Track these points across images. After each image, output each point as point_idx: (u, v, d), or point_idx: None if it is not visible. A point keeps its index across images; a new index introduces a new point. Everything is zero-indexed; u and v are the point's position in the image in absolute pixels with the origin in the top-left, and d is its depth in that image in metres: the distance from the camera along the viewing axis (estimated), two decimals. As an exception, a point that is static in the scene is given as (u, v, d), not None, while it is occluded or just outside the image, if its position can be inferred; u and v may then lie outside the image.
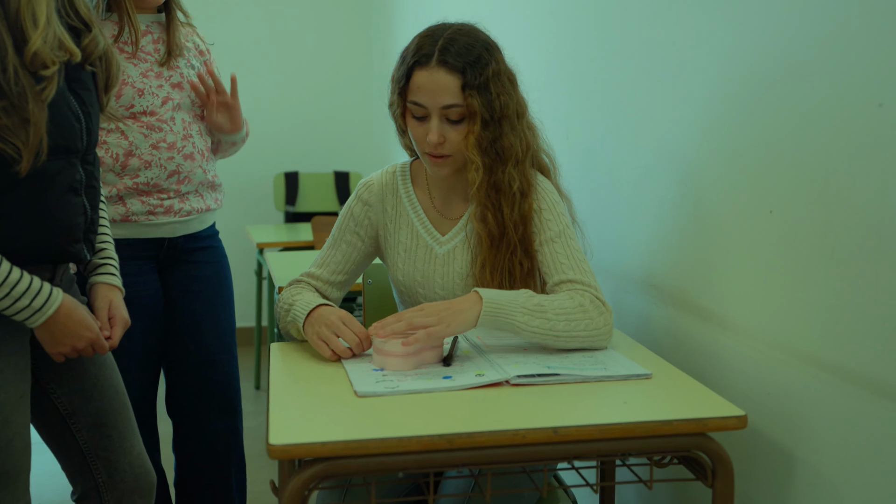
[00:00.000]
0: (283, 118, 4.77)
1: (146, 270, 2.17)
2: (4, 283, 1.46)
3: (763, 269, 1.46)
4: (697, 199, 1.65)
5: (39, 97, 1.43)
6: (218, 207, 2.30)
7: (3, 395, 1.50)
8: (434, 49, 1.62)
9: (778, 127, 1.39)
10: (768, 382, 1.45)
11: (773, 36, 1.37)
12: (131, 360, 2.16)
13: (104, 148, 2.08)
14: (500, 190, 1.68)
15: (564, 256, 1.68)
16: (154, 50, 2.14)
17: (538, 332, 1.58)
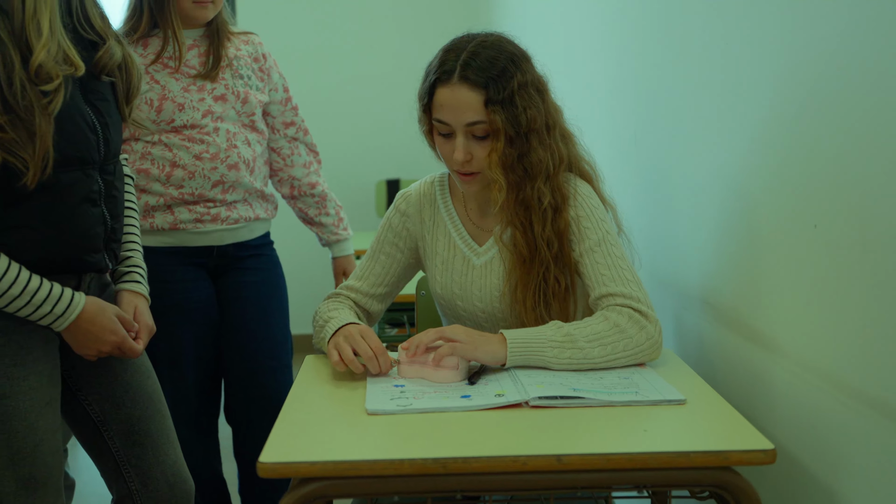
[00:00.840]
0: (384, 125, 4.79)
1: (198, 277, 2.20)
2: (25, 291, 1.49)
3: (807, 288, 1.34)
4: (747, 213, 1.54)
5: (46, 110, 1.44)
6: (270, 217, 2.31)
7: (27, 402, 1.52)
8: (456, 64, 1.57)
9: (823, 140, 1.27)
10: (811, 413, 1.33)
11: (820, 55, 1.27)
12: (187, 367, 2.20)
13: (150, 159, 2.12)
14: (529, 207, 1.61)
15: (605, 267, 1.60)
16: (199, 63, 2.17)
17: (573, 363, 1.52)
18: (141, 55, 2.14)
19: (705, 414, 1.34)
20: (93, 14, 1.60)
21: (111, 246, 1.64)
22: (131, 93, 1.67)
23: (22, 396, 1.52)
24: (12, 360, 1.52)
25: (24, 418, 1.52)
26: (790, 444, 1.39)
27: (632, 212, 2.09)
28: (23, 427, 1.52)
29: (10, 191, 1.47)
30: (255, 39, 2.30)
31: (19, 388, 1.52)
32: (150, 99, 2.11)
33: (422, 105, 1.64)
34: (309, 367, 1.63)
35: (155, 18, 2.14)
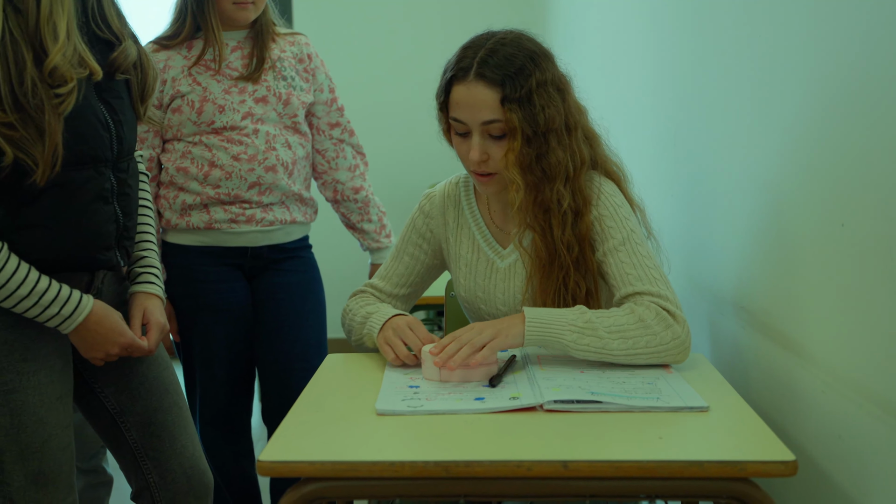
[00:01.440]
0: (436, 129, 4.77)
1: (232, 278, 2.21)
2: (32, 291, 1.49)
3: (834, 291, 1.27)
4: (777, 214, 1.47)
5: (56, 110, 1.44)
6: (308, 221, 2.30)
7: (37, 397, 1.52)
8: (473, 62, 1.53)
9: (852, 138, 1.21)
10: (840, 423, 1.25)
11: (848, 54, 1.21)
12: (220, 367, 2.20)
13: (190, 158, 2.14)
14: (548, 209, 1.56)
15: (631, 266, 1.55)
16: (242, 66, 2.17)
17: (590, 351, 1.46)
18: (185, 57, 2.16)
19: (727, 422, 1.28)
20: (110, 14, 1.60)
21: (123, 244, 1.64)
22: (146, 92, 1.66)
23: (31, 391, 1.52)
24: (22, 354, 1.52)
25: (33, 413, 1.52)
26: (818, 455, 1.32)
27: (670, 212, 2.03)
28: (32, 422, 1.52)
29: (22, 189, 1.47)
30: (302, 40, 2.29)
31: (29, 382, 1.52)
32: (192, 101, 2.13)
33: (438, 103, 1.61)
34: (328, 366, 1.61)
35: (197, 21, 2.15)
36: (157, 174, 2.20)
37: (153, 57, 2.14)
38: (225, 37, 2.18)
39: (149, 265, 1.74)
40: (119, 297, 1.69)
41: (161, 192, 2.19)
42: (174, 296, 2.20)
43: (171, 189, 2.17)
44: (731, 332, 1.70)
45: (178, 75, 2.15)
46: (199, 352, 2.21)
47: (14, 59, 1.41)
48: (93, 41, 1.57)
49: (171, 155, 2.17)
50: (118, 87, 1.61)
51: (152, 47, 2.18)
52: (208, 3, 2.12)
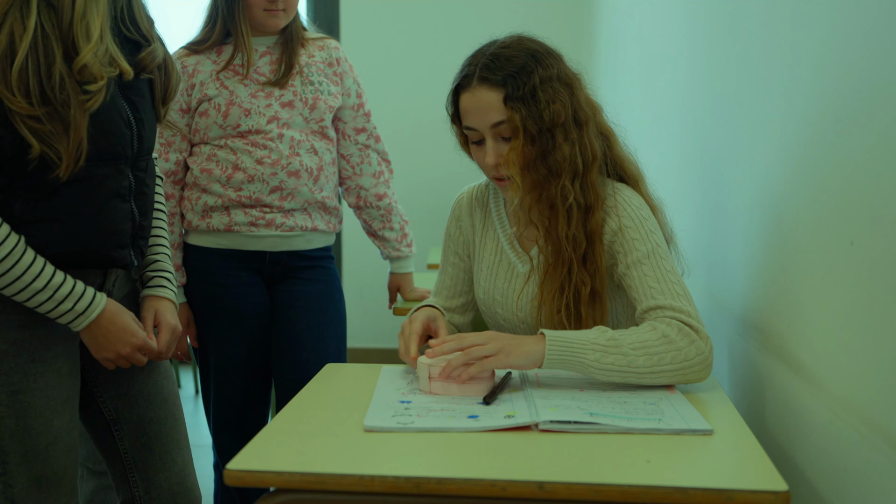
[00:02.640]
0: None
1: (251, 283, 2.19)
2: (48, 285, 1.47)
3: (843, 313, 1.19)
4: (788, 231, 1.40)
5: (83, 106, 1.44)
6: (331, 231, 2.27)
7: (42, 399, 1.51)
8: (476, 69, 1.52)
9: (860, 154, 1.13)
10: (845, 454, 1.17)
11: (856, 78, 1.15)
12: (235, 372, 2.19)
13: (214, 161, 2.14)
14: (553, 205, 1.53)
15: (654, 279, 1.49)
16: (270, 71, 2.17)
17: (615, 370, 1.40)
18: (214, 62, 2.16)
19: (724, 447, 1.21)
20: (140, 16, 1.60)
21: (138, 243, 1.63)
22: (169, 94, 1.66)
23: (38, 393, 1.51)
24: (31, 355, 1.51)
25: (39, 415, 1.51)
26: (822, 487, 1.23)
27: (695, 228, 1.95)
28: (37, 424, 1.51)
29: (43, 183, 1.46)
30: (332, 44, 2.29)
31: (36, 384, 1.51)
32: (218, 104, 2.13)
33: (450, 116, 1.60)
34: (324, 376, 1.57)
35: (227, 27, 2.16)
36: (183, 177, 2.21)
37: (184, 61, 2.16)
38: (254, 42, 2.18)
39: (161, 269, 1.72)
40: (129, 299, 1.68)
41: (185, 194, 2.20)
42: (192, 298, 2.20)
43: (194, 190, 2.17)
44: (748, 353, 1.62)
45: (207, 80, 2.15)
46: (215, 355, 2.20)
47: (44, 53, 1.42)
48: (122, 41, 1.57)
49: (197, 157, 2.17)
50: (141, 85, 1.61)
51: (183, 52, 2.20)
52: (239, 9, 2.13)
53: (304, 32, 2.27)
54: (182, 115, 2.17)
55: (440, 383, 1.44)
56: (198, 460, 3.00)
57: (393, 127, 4.21)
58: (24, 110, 1.40)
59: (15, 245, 1.45)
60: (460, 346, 1.44)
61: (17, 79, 1.39)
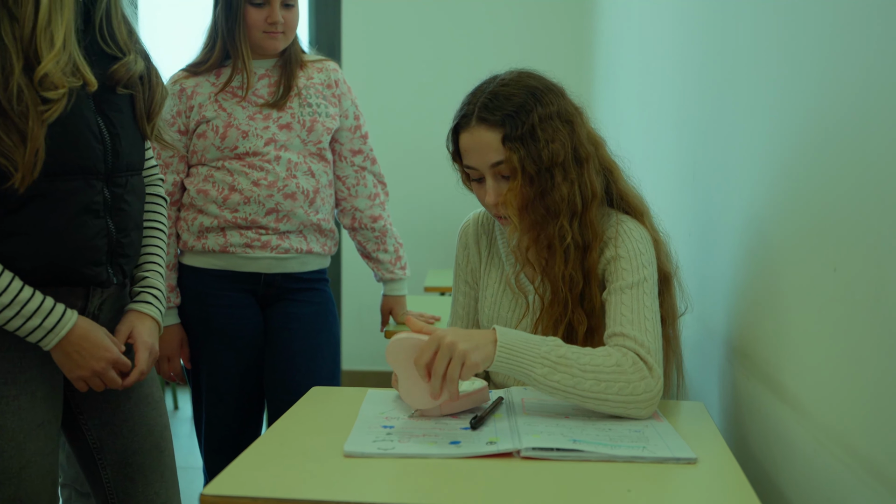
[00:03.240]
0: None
1: (245, 304, 2.19)
2: (14, 301, 1.44)
3: (827, 339, 1.17)
4: (771, 257, 1.38)
5: (41, 117, 1.41)
6: (326, 253, 2.27)
7: (15, 422, 1.48)
8: (475, 108, 1.52)
9: (842, 180, 1.13)
10: (828, 484, 1.15)
11: (838, 100, 1.15)
12: (228, 392, 2.18)
13: (211, 182, 2.14)
14: (551, 246, 1.52)
15: (628, 309, 1.47)
16: (269, 93, 2.17)
17: (560, 388, 1.39)
18: (213, 84, 2.17)
19: (706, 477, 1.19)
20: (119, 30, 1.58)
21: (118, 261, 1.59)
22: (153, 109, 1.64)
23: (10, 416, 1.48)
24: (3, 378, 1.49)
25: (11, 438, 1.48)
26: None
27: (687, 251, 1.94)
28: (9, 447, 1.48)
29: (4, 197, 1.44)
30: (330, 66, 2.29)
31: (8, 407, 1.49)
32: (216, 126, 2.14)
33: (450, 153, 1.60)
34: (309, 399, 1.56)
35: (227, 49, 2.17)
36: (180, 198, 2.21)
37: (182, 83, 2.16)
38: (254, 65, 2.18)
39: (149, 286, 1.68)
40: (117, 321, 1.65)
41: (181, 215, 2.20)
42: (186, 318, 2.19)
43: (190, 211, 2.17)
44: (736, 379, 1.60)
45: (205, 101, 2.16)
46: (208, 376, 2.19)
47: (1, 65, 1.39)
48: (98, 54, 1.55)
49: (194, 178, 2.18)
50: (120, 101, 1.59)
51: (182, 74, 2.20)
52: (239, 31, 2.13)
53: (303, 55, 2.28)
54: (180, 136, 2.17)
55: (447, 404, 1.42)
56: (193, 483, 2.99)
57: (393, 149, 4.23)
58: None
59: None
60: (426, 371, 1.37)
61: None
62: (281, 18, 2.14)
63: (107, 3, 1.57)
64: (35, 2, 1.42)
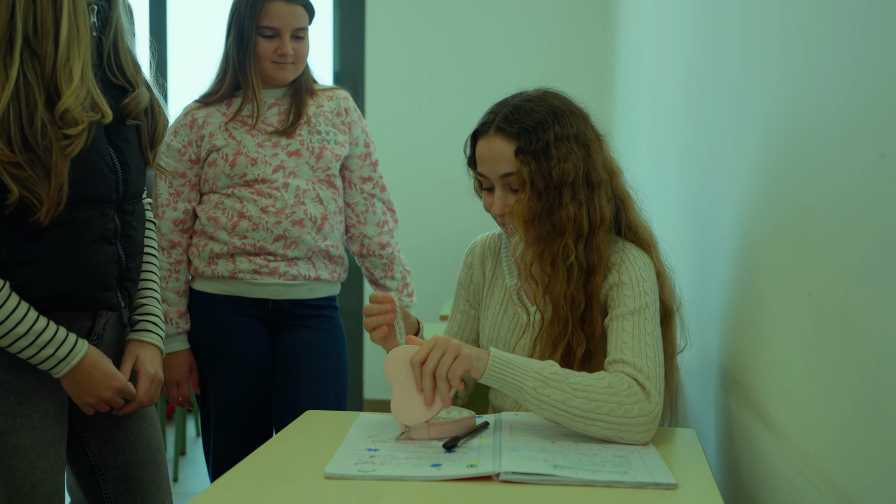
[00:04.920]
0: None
1: (254, 329, 2.21)
2: (30, 331, 1.49)
3: (803, 363, 1.17)
4: (755, 282, 1.38)
5: (64, 151, 1.46)
6: (335, 280, 2.29)
7: (27, 441, 1.52)
8: (495, 118, 1.55)
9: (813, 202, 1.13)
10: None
11: (811, 131, 1.16)
12: (235, 416, 2.20)
13: (221, 209, 2.18)
14: (554, 262, 1.53)
15: (629, 336, 1.47)
16: (278, 121, 2.21)
17: (549, 404, 1.39)
18: (223, 114, 2.21)
19: (685, 502, 1.18)
20: (125, 62, 1.63)
21: (125, 285, 1.64)
22: (156, 138, 1.69)
23: (24, 434, 1.53)
24: (18, 397, 1.53)
25: (24, 456, 1.52)
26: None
27: (688, 278, 1.93)
28: (22, 465, 1.52)
29: (25, 226, 1.49)
30: (340, 94, 2.32)
31: (22, 426, 1.53)
32: (226, 154, 2.17)
33: (466, 158, 1.63)
34: (301, 423, 1.58)
35: (237, 79, 2.21)
36: (191, 225, 2.25)
37: (194, 114, 2.21)
38: (264, 94, 2.22)
39: (148, 313, 1.73)
40: (120, 343, 1.70)
41: (193, 241, 2.23)
42: (195, 343, 2.22)
43: (202, 237, 2.21)
44: (728, 406, 1.59)
45: (216, 131, 2.20)
46: (216, 400, 2.21)
47: (26, 100, 1.44)
48: (107, 86, 1.60)
49: (205, 206, 2.22)
50: (128, 131, 1.64)
51: (195, 105, 2.25)
52: (250, 62, 2.18)
53: (313, 84, 2.31)
54: (191, 165, 2.21)
55: (427, 429, 1.43)
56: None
57: (414, 178, 4.26)
58: (4, 157, 1.42)
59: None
60: (420, 368, 1.40)
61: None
62: (291, 50, 2.18)
63: (114, 37, 1.62)
64: (55, 38, 1.47)
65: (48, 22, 1.46)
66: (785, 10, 1.33)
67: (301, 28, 2.20)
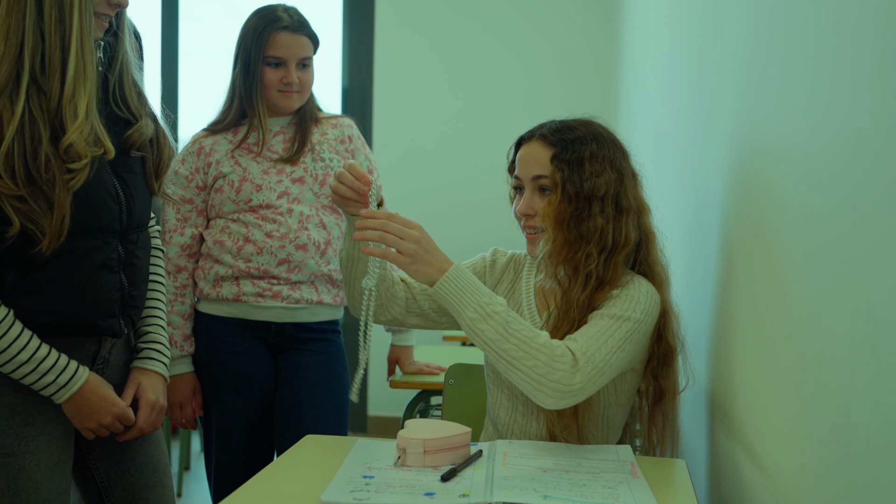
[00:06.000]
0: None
1: (256, 351, 2.25)
2: (32, 358, 1.53)
3: (783, 399, 1.20)
4: (740, 316, 1.41)
5: (67, 185, 1.49)
6: (337, 304, 2.32)
7: (33, 462, 1.56)
8: (541, 128, 1.65)
9: (794, 254, 1.16)
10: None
11: (786, 177, 1.20)
12: (237, 436, 2.24)
13: (227, 233, 2.22)
14: (576, 268, 1.59)
15: (597, 330, 1.52)
16: (283, 149, 2.26)
17: (481, 338, 1.46)
18: (230, 141, 2.27)
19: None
20: (130, 95, 1.67)
21: (129, 312, 1.67)
22: (161, 168, 1.72)
23: (29, 456, 1.56)
24: (24, 419, 1.57)
25: (29, 478, 1.56)
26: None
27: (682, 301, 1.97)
28: (27, 486, 1.55)
29: (28, 256, 1.52)
30: (345, 122, 2.37)
31: (27, 447, 1.56)
32: (232, 180, 2.22)
33: (509, 165, 1.71)
34: (300, 447, 1.61)
35: (244, 107, 2.26)
36: (198, 250, 2.30)
37: (202, 142, 2.26)
38: (269, 122, 2.27)
39: (152, 341, 1.76)
40: (127, 367, 1.73)
41: (199, 264, 2.28)
42: (198, 364, 2.27)
43: (207, 261, 2.26)
44: (717, 437, 1.62)
45: (222, 158, 2.25)
46: (218, 421, 2.25)
47: (31, 135, 1.48)
48: (112, 119, 1.64)
49: (212, 230, 2.26)
50: (133, 163, 1.67)
51: (203, 134, 2.30)
52: (256, 90, 2.23)
53: (318, 112, 2.36)
54: (199, 191, 2.26)
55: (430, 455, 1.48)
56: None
57: (422, 200, 4.28)
58: (8, 190, 1.46)
59: (3, 318, 1.52)
60: (385, 226, 1.48)
61: (3, 161, 1.45)
62: (296, 78, 2.23)
63: (119, 71, 1.66)
64: (62, 75, 1.51)
65: (55, 59, 1.50)
66: (759, 78, 1.37)
67: (306, 57, 2.26)
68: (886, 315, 0.87)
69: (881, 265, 0.88)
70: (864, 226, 0.93)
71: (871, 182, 0.91)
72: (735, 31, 1.61)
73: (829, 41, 1.07)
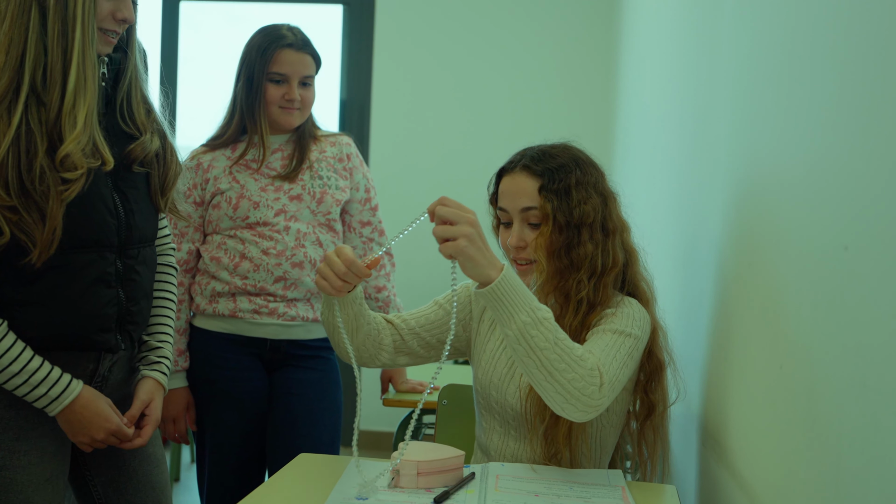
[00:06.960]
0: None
1: (251, 367, 2.26)
2: (23, 370, 1.52)
3: (775, 430, 1.22)
4: (732, 346, 1.43)
5: (60, 196, 1.49)
6: None
7: (25, 476, 1.56)
8: (521, 158, 1.66)
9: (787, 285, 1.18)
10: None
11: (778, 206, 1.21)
12: (231, 452, 2.25)
13: (224, 249, 2.24)
14: (568, 296, 1.60)
15: (605, 344, 1.52)
16: (281, 166, 2.28)
17: (529, 344, 1.41)
18: (228, 158, 2.28)
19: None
20: (138, 111, 1.67)
21: (127, 328, 1.67)
22: (167, 185, 1.72)
23: (21, 470, 1.56)
24: (16, 433, 1.57)
25: (20, 492, 1.56)
26: None
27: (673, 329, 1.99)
28: (18, 501, 1.55)
29: (20, 267, 1.52)
30: (343, 140, 2.39)
31: (19, 462, 1.56)
32: (230, 197, 2.24)
33: (489, 196, 1.72)
34: (293, 466, 1.62)
35: (244, 123, 2.28)
36: (195, 266, 2.31)
37: (200, 158, 2.28)
38: (269, 139, 2.29)
39: (163, 356, 1.76)
40: (126, 387, 1.73)
41: (196, 280, 2.29)
42: (193, 379, 2.28)
43: (204, 276, 2.27)
44: (708, 463, 1.64)
45: (220, 174, 2.26)
46: (211, 436, 2.26)
47: (26, 147, 1.48)
48: (115, 133, 1.64)
49: (209, 246, 2.28)
50: (136, 178, 1.67)
51: (202, 150, 2.31)
52: (259, 107, 2.25)
53: (316, 130, 2.38)
54: (196, 207, 2.28)
55: (423, 477, 1.49)
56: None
57: (414, 210, 4.26)
58: (1, 201, 1.47)
59: None
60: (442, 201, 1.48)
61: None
62: (298, 96, 2.26)
63: (128, 87, 1.67)
64: (62, 88, 1.51)
65: (57, 72, 1.51)
66: (756, 111, 1.39)
67: (308, 76, 2.28)
68: (875, 351, 0.89)
69: (871, 304, 0.90)
70: (855, 266, 0.95)
71: (863, 224, 0.93)
72: (733, 60, 1.64)
73: (826, 81, 1.09)
